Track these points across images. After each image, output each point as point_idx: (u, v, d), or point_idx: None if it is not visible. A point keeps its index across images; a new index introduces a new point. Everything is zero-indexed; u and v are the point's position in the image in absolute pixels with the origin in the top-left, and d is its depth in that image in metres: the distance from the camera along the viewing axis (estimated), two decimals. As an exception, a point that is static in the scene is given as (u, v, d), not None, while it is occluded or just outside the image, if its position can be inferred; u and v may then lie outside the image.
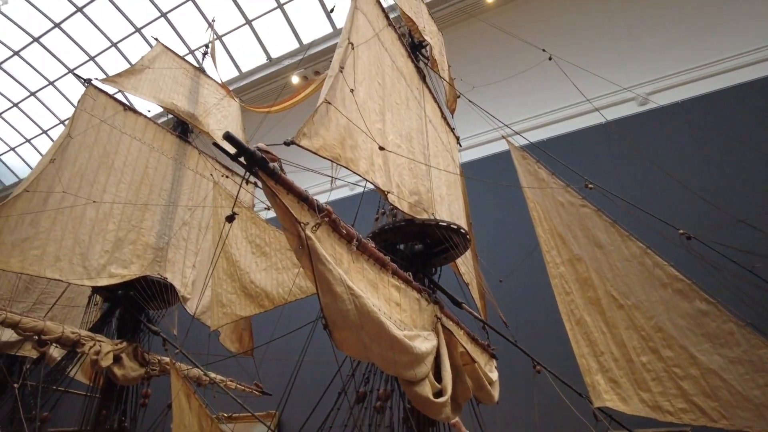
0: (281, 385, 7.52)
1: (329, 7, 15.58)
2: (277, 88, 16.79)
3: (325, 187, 10.23)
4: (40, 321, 5.60)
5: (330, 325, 3.06)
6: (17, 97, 19.16)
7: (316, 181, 8.39)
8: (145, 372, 6.13)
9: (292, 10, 15.92)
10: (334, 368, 4.80)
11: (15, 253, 5.49)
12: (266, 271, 5.78)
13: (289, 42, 16.55)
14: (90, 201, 6.10)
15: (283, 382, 7.26)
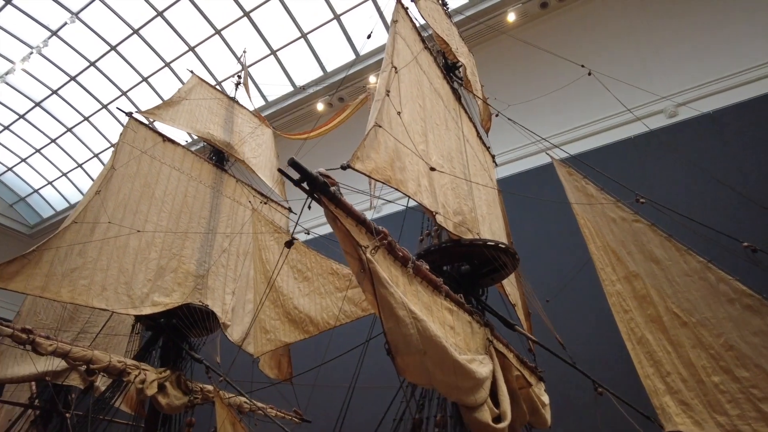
0: (319, 411, 7.41)
1: (351, 34, 15.93)
2: (303, 115, 17.10)
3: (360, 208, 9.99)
4: (89, 351, 5.66)
5: (393, 351, 2.99)
6: (54, 133, 19.90)
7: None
8: (188, 400, 6.11)
9: (316, 39, 16.32)
10: (380, 394, 4.70)
11: (65, 283, 5.59)
12: (309, 296, 5.75)
13: (313, 70, 16.90)
14: (134, 231, 6.22)
15: (322, 408, 7.15)
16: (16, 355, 8.21)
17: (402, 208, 5.27)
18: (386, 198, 5.38)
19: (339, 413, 4.02)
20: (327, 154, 15.44)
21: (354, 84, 16.45)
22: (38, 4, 16.27)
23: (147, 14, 16.26)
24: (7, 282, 5.20)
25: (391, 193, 4.22)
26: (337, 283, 5.65)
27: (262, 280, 6.30)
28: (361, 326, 5.92)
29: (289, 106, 17.18)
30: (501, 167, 8.50)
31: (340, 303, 5.53)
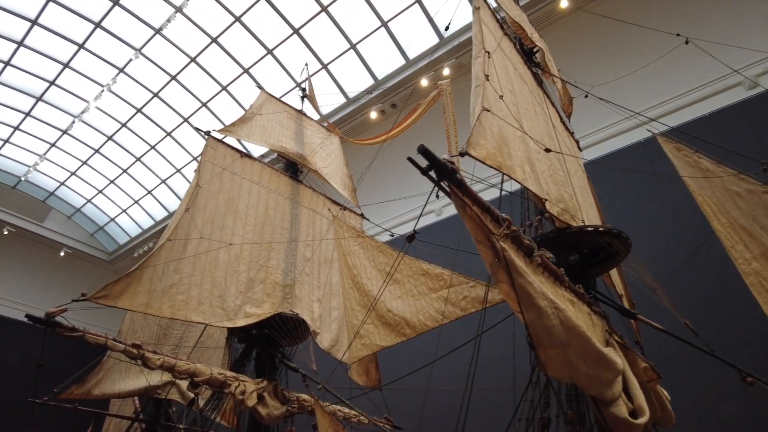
0: (408, 417, 7.22)
1: (399, 39, 15.92)
2: (356, 126, 17.21)
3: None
4: (192, 364, 5.80)
5: (535, 343, 2.80)
6: (125, 163, 21.05)
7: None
8: (286, 410, 6.12)
9: (364, 47, 16.43)
10: (479, 396, 4.48)
11: (165, 299, 5.77)
12: (401, 298, 5.63)
13: (364, 79, 17.01)
14: (225, 244, 6.35)
15: (411, 414, 6.97)
16: (120, 371, 8.65)
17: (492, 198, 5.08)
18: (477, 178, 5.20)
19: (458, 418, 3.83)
20: (396, 157, 15.43)
21: (406, 88, 16.42)
22: (105, 45, 17.36)
23: (201, 42, 16.94)
24: (115, 300, 5.41)
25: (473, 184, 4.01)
26: (430, 284, 5.50)
27: (350, 285, 6.25)
28: (447, 329, 5.74)
29: (343, 118, 17.33)
30: (584, 152, 8.09)
31: (436, 304, 5.37)
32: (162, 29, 16.70)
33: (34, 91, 18.66)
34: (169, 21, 16.47)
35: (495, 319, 4.71)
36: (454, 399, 7.89)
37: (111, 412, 9.69)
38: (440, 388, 5.09)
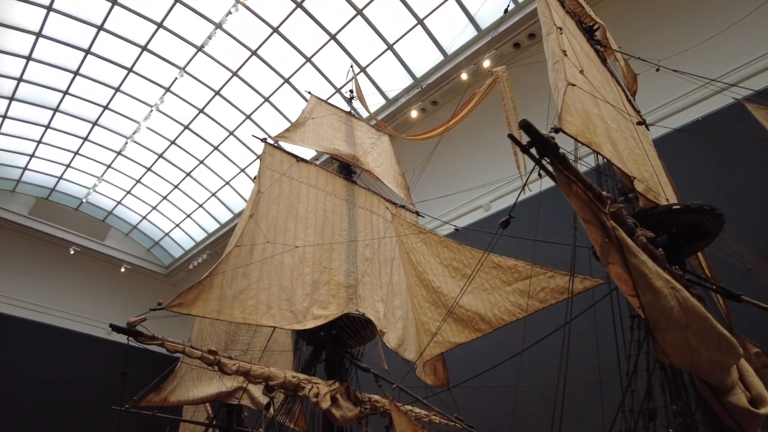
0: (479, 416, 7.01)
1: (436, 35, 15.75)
2: (399, 125, 17.11)
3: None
4: (266, 368, 5.84)
5: (652, 326, 2.60)
6: (176, 179, 21.79)
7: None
8: (359, 411, 6.06)
9: (400, 47, 16.35)
10: (543, 392, 4.24)
11: (236, 305, 5.84)
12: (473, 293, 5.47)
13: (402, 78, 16.94)
14: (290, 246, 6.39)
15: (482, 412, 6.74)
16: (193, 378, 8.89)
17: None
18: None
19: (554, 415, 3.64)
20: (445, 154, 15.20)
21: (446, 84, 16.23)
22: (152, 66, 18.03)
23: (242, 56, 17.31)
24: (189, 308, 5.51)
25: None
26: (503, 277, 5.32)
27: (416, 283, 6.14)
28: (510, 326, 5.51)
29: (384, 119, 17.26)
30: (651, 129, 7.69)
31: (512, 297, 5.18)
32: (204, 46, 17.19)
33: (90, 117, 19.60)
34: (210, 38, 16.93)
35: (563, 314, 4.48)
36: (528, 395, 7.63)
37: (186, 419, 9.99)
38: (528, 383, 4.88)
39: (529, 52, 14.30)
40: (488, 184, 14.00)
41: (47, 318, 21.35)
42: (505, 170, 14.52)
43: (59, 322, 21.51)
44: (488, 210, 16.01)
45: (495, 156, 14.12)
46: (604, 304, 4.74)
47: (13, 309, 20.96)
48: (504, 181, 14.43)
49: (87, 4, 15.78)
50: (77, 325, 21.54)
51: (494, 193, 15.06)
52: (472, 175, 15.02)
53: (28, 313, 21.07)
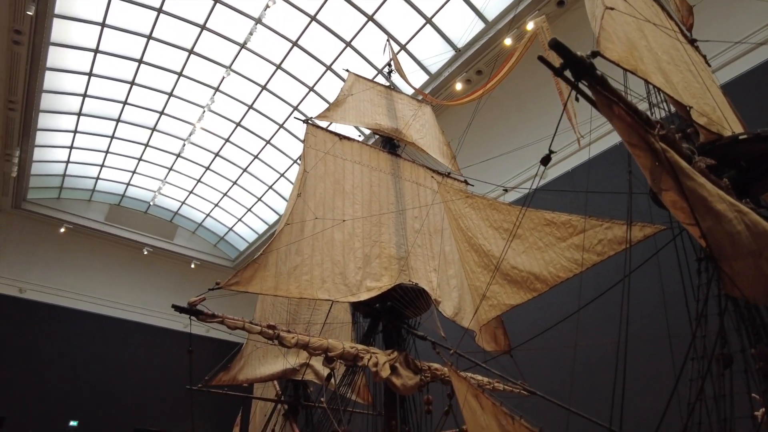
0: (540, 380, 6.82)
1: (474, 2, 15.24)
2: (445, 99, 16.80)
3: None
4: (325, 340, 5.97)
5: (716, 254, 2.38)
6: (234, 176, 22.65)
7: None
8: (420, 379, 6.06)
9: (440, 20, 15.98)
10: (605, 351, 3.98)
11: (291, 280, 5.99)
12: (526, 253, 5.29)
13: (445, 51, 16.57)
14: (339, 221, 6.47)
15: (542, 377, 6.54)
16: (259, 357, 9.31)
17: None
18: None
19: (615, 373, 3.45)
20: (490, 117, 14.83)
21: (489, 52, 15.72)
22: (200, 68, 18.73)
23: (283, 48, 17.58)
24: (246, 286, 5.72)
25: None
26: (557, 233, 5.10)
27: (467, 249, 6.03)
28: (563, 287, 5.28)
29: (429, 93, 17.01)
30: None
31: (567, 253, 4.96)
32: (246, 43, 17.60)
33: (149, 123, 20.70)
34: (251, 33, 17.30)
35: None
36: (589, 355, 7.33)
37: (255, 395, 10.53)
38: (587, 342, 4.68)
39: (574, 8, 13.58)
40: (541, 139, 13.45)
41: (127, 314, 23.22)
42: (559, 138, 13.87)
43: (138, 317, 23.32)
44: (544, 178, 15.47)
45: (548, 120, 13.57)
46: (667, 255, 4.43)
47: (96, 307, 22.95)
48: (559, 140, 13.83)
49: (135, 15, 16.56)
50: (154, 320, 23.19)
51: (563, 151, 14.52)
52: (523, 143, 14.55)
53: (109, 310, 23.03)
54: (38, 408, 19.96)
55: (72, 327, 21.83)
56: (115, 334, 22.55)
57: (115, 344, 22.33)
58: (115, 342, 22.37)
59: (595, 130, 13.11)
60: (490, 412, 5.12)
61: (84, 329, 22.02)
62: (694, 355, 3.24)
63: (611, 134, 11.82)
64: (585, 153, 12.77)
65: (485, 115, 14.82)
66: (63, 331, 21.57)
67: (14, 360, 20.12)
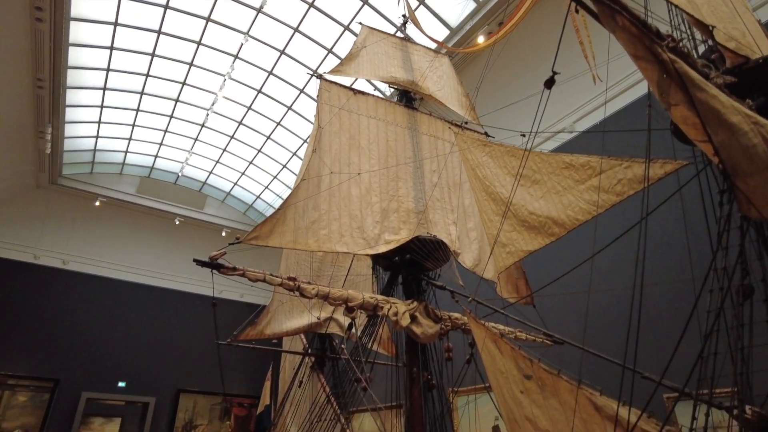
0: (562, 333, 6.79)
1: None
2: (466, 55, 16.32)
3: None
4: (345, 291, 6.08)
5: (730, 171, 2.26)
6: (258, 144, 22.82)
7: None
8: (440, 328, 6.13)
9: (459, -28, 15.35)
10: (617, 297, 3.89)
11: (309, 235, 6.07)
12: (544, 198, 5.19)
13: (465, 4, 15.98)
14: (354, 174, 6.46)
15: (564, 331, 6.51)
16: (285, 312, 9.61)
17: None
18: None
19: (630, 318, 3.38)
20: (500, 69, 14.43)
21: (512, 2, 15.08)
22: (217, 36, 18.67)
23: (300, 10, 17.29)
24: (266, 240, 5.83)
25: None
26: (576, 176, 4.96)
27: (484, 198, 5.96)
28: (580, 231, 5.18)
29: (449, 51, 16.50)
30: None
31: (586, 195, 4.84)
32: (263, 7, 17.37)
33: (172, 95, 20.91)
34: (267, -4, 17.05)
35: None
36: (605, 301, 7.24)
37: (283, 349, 10.96)
38: (602, 288, 4.61)
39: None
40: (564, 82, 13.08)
41: (163, 282, 24.25)
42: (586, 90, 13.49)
43: (174, 285, 24.32)
44: (571, 132, 15.06)
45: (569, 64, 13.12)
46: (688, 194, 4.26)
47: (134, 276, 24.00)
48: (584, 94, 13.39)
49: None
50: (190, 287, 24.13)
51: (577, 113, 14.13)
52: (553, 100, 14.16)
53: (146, 279, 24.10)
54: (89, 371, 21.30)
55: (113, 296, 22.96)
56: (154, 301, 23.67)
57: (155, 311, 23.48)
58: (154, 309, 23.52)
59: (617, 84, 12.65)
60: (508, 356, 5.16)
61: (125, 298, 23.14)
62: (713, 287, 3.15)
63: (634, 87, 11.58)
64: (609, 108, 12.48)
65: (504, 63, 14.35)
66: (106, 300, 22.73)
67: (65, 328, 21.41)
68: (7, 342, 20.22)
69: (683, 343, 3.27)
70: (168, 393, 22.72)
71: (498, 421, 13.60)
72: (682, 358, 3.27)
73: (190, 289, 23.97)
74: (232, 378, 22.88)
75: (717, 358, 3.06)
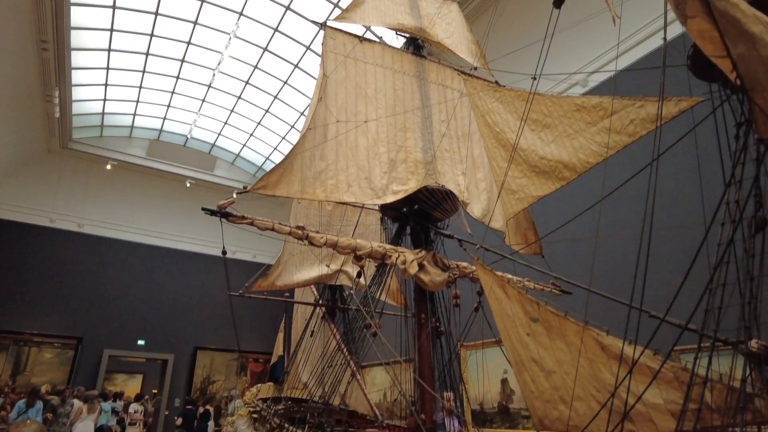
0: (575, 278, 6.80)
1: None
2: (479, 4, 15.78)
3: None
4: (353, 240, 6.11)
5: (748, 86, 2.17)
6: (266, 104, 22.59)
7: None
8: (448, 276, 6.16)
9: None
10: (627, 244, 3.83)
11: (317, 185, 6.06)
12: (555, 142, 5.08)
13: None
14: (361, 122, 6.38)
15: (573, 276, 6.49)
16: (295, 264, 9.76)
17: None
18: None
19: (637, 264, 3.33)
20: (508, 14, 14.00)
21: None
22: (222, -8, 18.21)
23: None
24: (273, 189, 5.83)
25: None
26: (588, 118, 4.82)
27: (494, 145, 5.85)
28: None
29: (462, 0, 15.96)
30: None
31: (597, 137, 4.71)
32: (266, -41, 16.83)
33: (177, 55, 20.62)
34: (271, -52, 16.48)
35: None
36: (624, 248, 7.20)
37: (295, 300, 11.22)
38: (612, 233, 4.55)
39: None
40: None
41: (177, 244, 24.70)
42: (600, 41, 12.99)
43: (188, 247, 24.76)
44: (585, 86, 14.68)
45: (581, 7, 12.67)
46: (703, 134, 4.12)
47: (149, 239, 24.46)
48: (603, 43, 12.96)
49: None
50: (203, 248, 24.54)
51: (592, 65, 13.73)
52: (567, 49, 13.73)
53: (160, 241, 24.56)
54: (110, 330, 22.04)
55: (130, 258, 23.46)
56: (170, 263, 24.18)
57: (171, 272, 24.02)
58: (170, 270, 24.05)
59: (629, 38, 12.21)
60: (515, 300, 5.18)
61: (142, 260, 23.67)
62: (725, 219, 3.09)
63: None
64: (624, 60, 12.16)
65: (515, 10, 13.86)
66: (123, 262, 23.26)
67: (85, 289, 22.05)
68: (30, 303, 20.90)
69: (691, 288, 3.24)
70: (186, 350, 23.50)
71: (507, 374, 13.87)
72: (690, 301, 3.24)
73: (204, 251, 24.42)
74: (248, 337, 23.52)
75: (725, 292, 3.03)
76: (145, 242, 24.04)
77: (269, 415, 7.72)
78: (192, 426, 18.56)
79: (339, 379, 5.92)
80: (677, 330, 3.79)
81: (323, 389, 6.02)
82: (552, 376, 4.77)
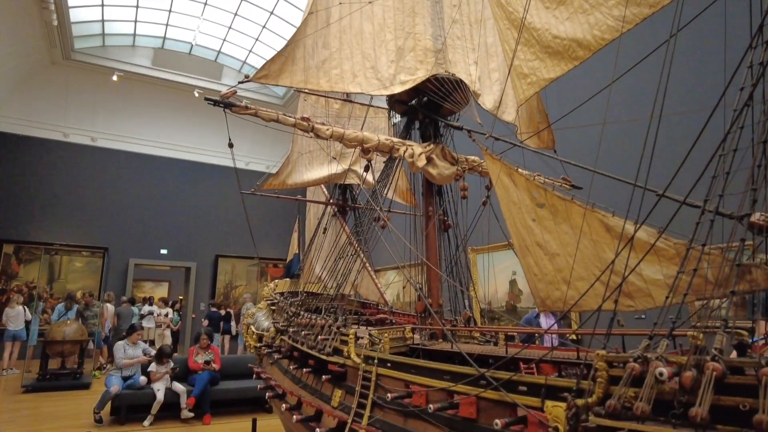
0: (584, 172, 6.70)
1: None
2: None
3: None
4: (360, 132, 6.01)
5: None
6: (263, 20, 21.43)
7: None
8: (456, 169, 6.11)
9: None
10: (638, 131, 3.64)
11: (321, 74, 5.85)
12: (570, 19, 4.74)
13: None
14: (365, 3, 6.01)
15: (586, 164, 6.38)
16: (305, 163, 9.82)
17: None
18: None
19: (643, 151, 3.17)
20: None
21: None
22: None
23: None
24: (276, 79, 5.66)
25: None
26: (606, -11, 4.45)
27: (507, 27, 5.50)
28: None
29: None
30: None
31: (614, 11, 4.37)
32: None
33: (174, -49, 19.30)
34: None
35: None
36: (636, 134, 7.01)
37: (306, 199, 11.46)
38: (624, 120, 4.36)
39: None
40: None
41: (190, 156, 24.83)
42: None
43: (200, 158, 24.92)
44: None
45: None
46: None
47: (162, 150, 24.57)
48: None
49: None
50: (216, 159, 24.68)
51: None
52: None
53: (173, 153, 24.68)
54: (134, 240, 22.90)
55: (147, 171, 23.80)
56: (185, 174, 24.56)
57: (187, 184, 24.45)
58: (186, 182, 24.47)
59: None
60: (522, 188, 5.16)
61: (159, 172, 24.05)
62: (744, 84, 2.91)
63: None
64: None
65: None
66: (141, 175, 23.63)
67: (106, 202, 22.65)
68: (55, 215, 21.65)
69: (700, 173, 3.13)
70: (207, 258, 24.50)
71: (515, 276, 14.26)
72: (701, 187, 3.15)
73: (219, 161, 24.62)
74: (265, 245, 24.29)
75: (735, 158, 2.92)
76: (161, 155, 24.22)
77: (286, 306, 8.15)
78: (218, 326, 19.91)
79: (350, 268, 6.12)
80: (687, 211, 3.75)
81: (335, 279, 6.25)
82: (555, 259, 4.86)
